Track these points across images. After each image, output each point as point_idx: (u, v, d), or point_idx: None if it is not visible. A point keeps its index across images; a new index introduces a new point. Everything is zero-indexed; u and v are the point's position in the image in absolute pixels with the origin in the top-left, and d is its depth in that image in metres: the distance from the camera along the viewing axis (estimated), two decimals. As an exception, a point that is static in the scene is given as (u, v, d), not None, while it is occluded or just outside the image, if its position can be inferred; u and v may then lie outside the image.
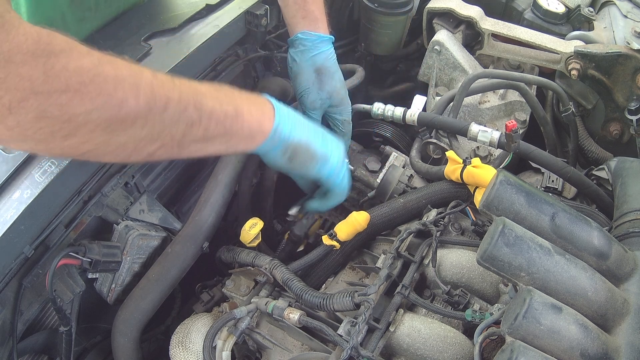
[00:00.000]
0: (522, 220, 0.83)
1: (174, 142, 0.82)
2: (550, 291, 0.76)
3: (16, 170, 0.91)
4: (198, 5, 1.27)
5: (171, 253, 1.12)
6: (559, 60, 1.40)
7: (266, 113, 0.95)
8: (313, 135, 1.03)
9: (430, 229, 1.05)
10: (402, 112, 1.33)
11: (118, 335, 1.07)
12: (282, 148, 0.98)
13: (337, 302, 0.95)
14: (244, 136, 0.92)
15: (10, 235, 0.87)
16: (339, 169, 1.07)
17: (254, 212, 1.38)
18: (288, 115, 0.98)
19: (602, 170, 1.19)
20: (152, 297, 1.08)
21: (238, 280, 1.16)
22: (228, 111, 0.88)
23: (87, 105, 0.71)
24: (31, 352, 1.06)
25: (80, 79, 0.70)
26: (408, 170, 1.35)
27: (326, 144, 1.05)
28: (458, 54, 1.48)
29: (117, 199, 1.11)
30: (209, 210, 1.16)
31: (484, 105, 1.48)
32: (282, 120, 0.96)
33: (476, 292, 1.00)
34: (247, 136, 0.93)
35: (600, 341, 0.73)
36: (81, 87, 0.70)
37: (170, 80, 0.82)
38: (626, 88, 1.31)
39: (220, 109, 0.87)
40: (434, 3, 1.55)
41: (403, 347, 0.92)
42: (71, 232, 1.01)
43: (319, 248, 1.13)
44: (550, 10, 1.55)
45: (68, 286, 1.01)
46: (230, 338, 1.00)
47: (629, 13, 1.44)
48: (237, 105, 0.90)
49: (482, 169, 1.07)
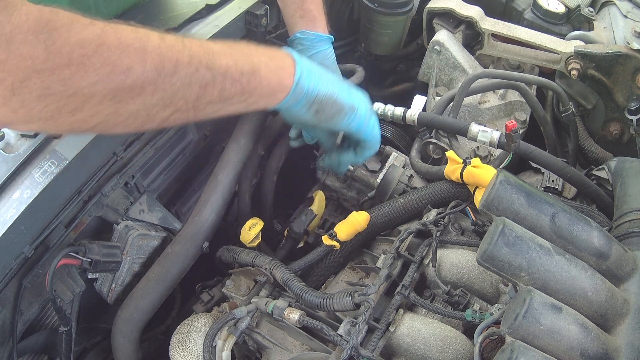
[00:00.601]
0: (522, 220, 0.83)
1: (188, 105, 0.80)
2: (550, 291, 0.76)
3: (16, 170, 0.91)
4: (198, 5, 1.27)
5: (171, 253, 1.12)
6: (559, 60, 1.40)
7: (286, 67, 0.92)
8: (338, 87, 0.99)
9: (430, 229, 1.05)
10: (402, 112, 1.33)
11: (118, 335, 1.07)
12: (306, 102, 0.95)
13: (337, 302, 0.95)
14: (264, 93, 0.89)
15: (10, 235, 0.87)
16: (368, 118, 1.06)
17: (254, 212, 1.38)
18: (310, 69, 0.95)
19: (602, 170, 1.19)
20: (152, 297, 1.08)
21: (238, 280, 1.16)
22: (244, 68, 0.84)
23: (92, 77, 0.69)
24: (31, 352, 1.06)
25: (83, 51, 0.68)
26: (408, 170, 1.35)
27: (351, 95, 1.02)
28: (458, 54, 1.48)
29: (117, 199, 1.11)
30: (209, 210, 1.16)
31: (484, 105, 1.48)
32: (304, 74, 0.93)
33: (476, 292, 1.00)
34: (267, 93, 0.90)
35: (600, 341, 0.73)
36: (84, 59, 0.68)
37: (180, 42, 0.78)
38: (626, 88, 1.31)
39: (235, 66, 0.83)
40: (434, 3, 1.55)
41: (403, 347, 0.92)
42: (71, 232, 1.01)
43: (319, 248, 1.13)
44: (550, 10, 1.55)
45: (68, 286, 1.01)
46: (230, 338, 1.00)
47: (629, 13, 1.44)
48: (254, 61, 0.87)
49: (482, 169, 1.07)
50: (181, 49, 0.77)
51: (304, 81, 0.93)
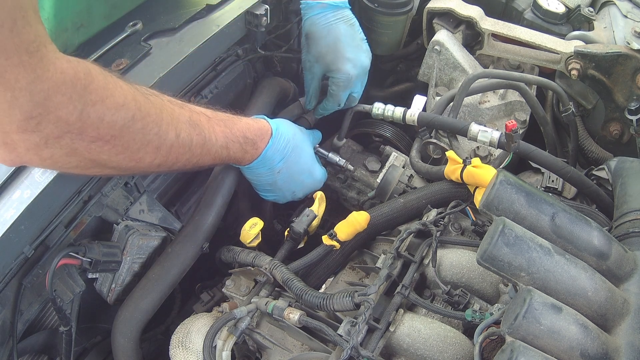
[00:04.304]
0: (522, 220, 0.83)
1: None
2: (550, 291, 0.76)
3: (16, 170, 0.91)
4: (198, 5, 1.27)
5: (171, 253, 1.12)
6: (559, 60, 1.40)
7: None
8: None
9: (430, 229, 1.05)
10: (402, 112, 1.33)
11: (118, 335, 1.07)
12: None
13: (337, 302, 0.95)
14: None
15: (10, 235, 0.87)
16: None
17: (254, 212, 1.38)
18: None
19: (602, 170, 1.19)
20: (152, 297, 1.08)
21: (238, 280, 1.16)
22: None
23: (112, 155, 0.84)
24: (31, 352, 1.06)
25: (112, 132, 0.81)
26: (408, 170, 1.35)
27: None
28: (458, 54, 1.48)
29: (117, 199, 1.10)
30: (209, 210, 1.16)
31: (484, 105, 1.48)
32: None
33: (476, 292, 1.00)
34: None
35: (600, 341, 0.73)
36: (111, 139, 0.81)
37: (188, 145, 0.96)
38: (626, 88, 1.31)
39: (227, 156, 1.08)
40: (434, 3, 1.55)
41: (403, 347, 0.92)
42: (71, 232, 1.01)
43: (319, 248, 1.12)
44: (550, 10, 1.54)
45: (68, 286, 1.01)
46: (230, 338, 1.00)
47: (629, 13, 1.44)
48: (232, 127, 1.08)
49: (482, 169, 1.07)
50: (188, 149, 0.96)
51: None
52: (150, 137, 0.87)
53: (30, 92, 0.68)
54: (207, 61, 1.25)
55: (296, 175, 1.22)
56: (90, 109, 0.75)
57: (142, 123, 0.85)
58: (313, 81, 1.35)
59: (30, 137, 0.73)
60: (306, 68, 1.35)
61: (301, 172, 1.22)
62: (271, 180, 1.19)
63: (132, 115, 0.82)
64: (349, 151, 1.47)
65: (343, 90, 1.32)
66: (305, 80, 1.38)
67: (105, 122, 0.78)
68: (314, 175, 1.27)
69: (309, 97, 1.40)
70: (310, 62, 1.32)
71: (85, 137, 0.77)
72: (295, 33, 1.48)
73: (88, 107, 0.75)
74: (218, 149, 1.03)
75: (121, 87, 0.82)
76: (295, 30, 1.48)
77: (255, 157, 1.13)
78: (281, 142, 1.16)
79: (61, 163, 0.80)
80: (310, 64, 1.32)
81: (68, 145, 0.76)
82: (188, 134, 0.95)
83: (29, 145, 0.74)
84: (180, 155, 0.95)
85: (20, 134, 0.72)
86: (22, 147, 0.74)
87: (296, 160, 1.20)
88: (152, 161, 0.91)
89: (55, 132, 0.74)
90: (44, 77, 0.69)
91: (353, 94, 1.35)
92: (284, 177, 1.19)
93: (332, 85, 1.31)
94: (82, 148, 0.78)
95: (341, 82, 1.30)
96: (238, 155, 1.10)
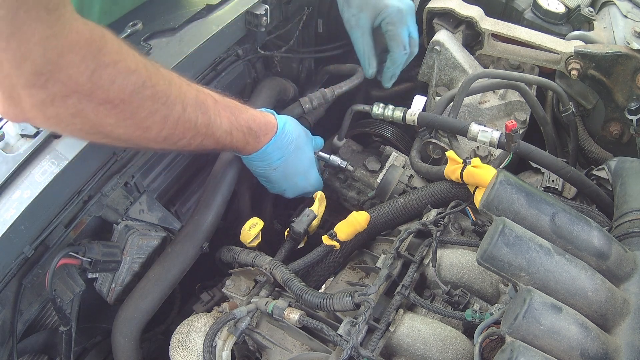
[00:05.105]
0: (522, 220, 0.83)
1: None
2: (550, 291, 0.76)
3: (16, 170, 0.91)
4: (198, 5, 1.27)
5: (171, 253, 1.12)
6: (559, 60, 1.40)
7: None
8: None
9: (430, 229, 1.05)
10: (402, 112, 1.33)
11: (118, 335, 1.07)
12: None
13: (337, 302, 0.95)
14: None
15: (10, 235, 0.87)
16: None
17: (254, 212, 1.38)
18: None
19: (602, 170, 1.19)
20: (152, 297, 1.08)
21: (238, 280, 1.16)
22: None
23: (119, 121, 0.81)
24: (31, 352, 1.06)
25: (122, 97, 0.79)
26: (408, 170, 1.35)
27: None
28: (458, 54, 1.48)
29: (117, 199, 1.10)
30: (209, 210, 1.16)
31: (484, 105, 1.48)
32: None
33: (476, 292, 1.00)
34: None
35: (600, 341, 0.73)
36: (120, 103, 0.79)
37: (194, 121, 0.93)
38: (626, 88, 1.31)
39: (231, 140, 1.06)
40: (434, 3, 1.54)
41: (403, 347, 0.92)
42: (71, 232, 1.01)
43: (319, 248, 1.12)
44: (550, 10, 1.54)
45: (68, 286, 1.01)
46: (230, 338, 1.00)
47: (629, 13, 1.44)
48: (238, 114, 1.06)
49: (482, 169, 1.07)
50: (194, 126, 0.93)
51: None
52: (158, 106, 0.85)
53: (44, 48, 0.67)
54: (207, 61, 1.25)
55: (291, 176, 1.21)
56: (103, 71, 0.74)
57: (151, 91, 0.83)
58: (364, 37, 1.30)
59: (37, 92, 0.71)
60: (352, 26, 1.31)
61: (296, 173, 1.22)
62: (265, 174, 1.20)
63: (142, 81, 0.81)
64: (349, 151, 1.47)
65: (400, 27, 1.29)
66: (355, 42, 1.32)
67: (115, 85, 0.77)
68: (309, 180, 1.26)
69: (366, 59, 1.34)
70: (355, 15, 1.29)
71: (94, 98, 0.76)
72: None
73: (100, 68, 0.74)
74: (222, 134, 1.02)
75: (133, 54, 0.81)
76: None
77: (255, 149, 1.12)
78: (284, 141, 1.15)
79: (65, 123, 0.79)
80: (356, 17, 1.29)
81: (75, 105, 0.75)
82: (194, 111, 0.93)
83: (35, 102, 0.73)
84: (187, 131, 0.93)
85: (28, 88, 0.71)
86: (28, 103, 0.73)
87: (295, 161, 1.19)
88: (159, 132, 0.88)
89: (63, 91, 0.72)
90: (60, 34, 0.68)
91: (411, 33, 1.33)
92: (278, 174, 1.19)
93: (388, 25, 1.28)
94: (89, 110, 0.77)
95: (395, 18, 1.27)
96: (240, 145, 1.09)
